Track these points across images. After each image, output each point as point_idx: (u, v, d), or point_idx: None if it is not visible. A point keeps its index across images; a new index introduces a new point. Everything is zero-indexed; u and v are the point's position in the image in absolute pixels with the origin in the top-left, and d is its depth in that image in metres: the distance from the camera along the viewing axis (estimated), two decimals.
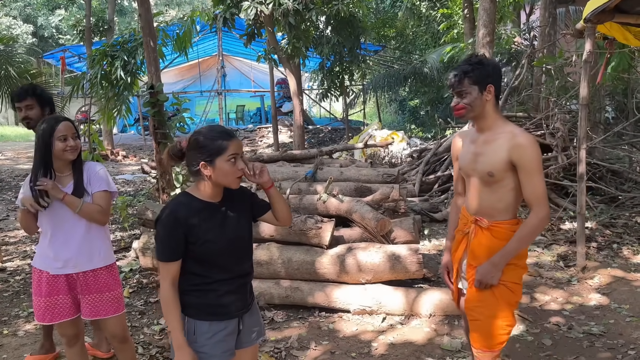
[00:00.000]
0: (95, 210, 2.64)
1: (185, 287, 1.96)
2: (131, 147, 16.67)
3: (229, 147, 1.89)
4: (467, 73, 2.23)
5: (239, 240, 2.02)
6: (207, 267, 1.96)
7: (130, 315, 4.16)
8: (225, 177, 1.91)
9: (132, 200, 8.30)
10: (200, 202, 1.96)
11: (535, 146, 2.18)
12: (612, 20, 4.21)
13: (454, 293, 2.58)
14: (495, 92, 2.26)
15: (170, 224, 1.90)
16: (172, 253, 1.90)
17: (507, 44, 10.68)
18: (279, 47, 10.09)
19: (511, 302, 2.30)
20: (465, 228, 2.40)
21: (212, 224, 1.94)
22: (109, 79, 7.13)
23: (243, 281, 2.07)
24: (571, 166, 6.73)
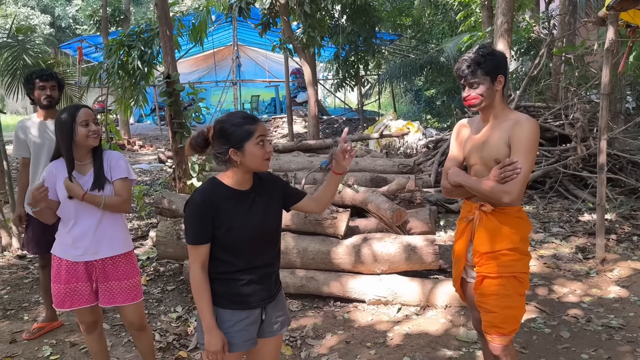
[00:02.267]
0: (118, 202, 2.66)
1: (211, 273, 1.97)
2: (147, 137, 16.80)
3: (256, 130, 1.90)
4: (480, 64, 2.24)
5: (264, 229, 2.00)
6: (231, 255, 1.95)
7: (147, 303, 4.21)
8: (255, 160, 1.91)
9: (149, 190, 8.38)
10: (228, 189, 1.97)
11: (533, 128, 2.20)
12: (636, 8, 4.10)
13: (456, 281, 2.57)
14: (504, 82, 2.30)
15: (198, 207, 1.92)
16: (200, 236, 1.92)
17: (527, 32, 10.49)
18: (294, 37, 10.04)
19: (522, 291, 2.32)
20: (469, 215, 2.40)
21: (238, 212, 1.95)
22: (126, 68, 7.19)
23: (267, 271, 2.04)
24: (590, 157, 6.63)
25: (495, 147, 2.26)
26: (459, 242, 2.49)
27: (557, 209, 6.39)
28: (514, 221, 2.30)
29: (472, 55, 2.27)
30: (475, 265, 2.37)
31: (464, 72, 2.27)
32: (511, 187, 2.17)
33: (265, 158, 1.93)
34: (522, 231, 2.34)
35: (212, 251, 1.95)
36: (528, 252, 2.36)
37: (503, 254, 2.29)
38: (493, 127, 2.31)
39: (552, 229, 5.58)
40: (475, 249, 2.36)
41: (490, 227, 2.31)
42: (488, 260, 2.31)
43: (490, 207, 2.30)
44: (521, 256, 2.31)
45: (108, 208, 2.63)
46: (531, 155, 2.21)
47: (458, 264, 2.51)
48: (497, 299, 2.28)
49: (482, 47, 2.30)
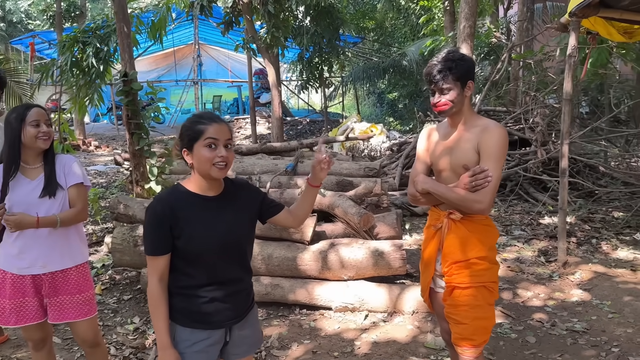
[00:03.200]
0: (73, 214, 2.48)
1: (171, 287, 1.82)
2: (104, 137, 16.26)
3: (206, 131, 1.75)
4: (452, 69, 2.18)
5: (232, 240, 1.84)
6: (192, 267, 1.80)
7: (102, 314, 3.98)
8: (202, 164, 1.75)
9: (105, 193, 8.05)
10: (191, 194, 1.82)
11: (502, 135, 2.17)
12: (597, 15, 4.17)
13: (424, 291, 2.50)
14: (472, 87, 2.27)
15: (155, 214, 1.77)
16: (157, 246, 1.77)
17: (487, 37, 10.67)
18: (258, 36, 9.88)
19: (491, 301, 2.28)
20: (436, 223, 2.34)
21: (200, 219, 1.79)
22: (80, 66, 6.85)
23: (235, 288, 1.87)
24: (550, 161, 6.76)
25: (463, 153, 2.22)
26: (427, 251, 2.42)
27: (518, 211, 6.49)
28: (482, 229, 2.27)
29: (443, 60, 2.20)
30: (445, 274, 2.31)
31: (435, 78, 2.21)
32: (482, 195, 2.12)
33: (214, 162, 1.74)
34: (490, 239, 2.30)
35: (172, 263, 1.80)
36: (496, 261, 2.33)
37: (473, 263, 2.24)
38: (461, 133, 2.27)
39: (514, 232, 5.64)
40: (444, 258, 2.31)
41: (460, 235, 2.26)
42: (458, 269, 2.25)
43: (459, 215, 2.25)
44: (490, 265, 2.27)
45: (65, 224, 2.45)
46: (500, 163, 2.18)
47: (426, 273, 2.44)
48: (468, 309, 2.23)
49: (451, 52, 2.24)
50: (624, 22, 4.29)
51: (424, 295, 2.51)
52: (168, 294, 1.82)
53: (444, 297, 2.33)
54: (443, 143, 2.33)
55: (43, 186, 2.42)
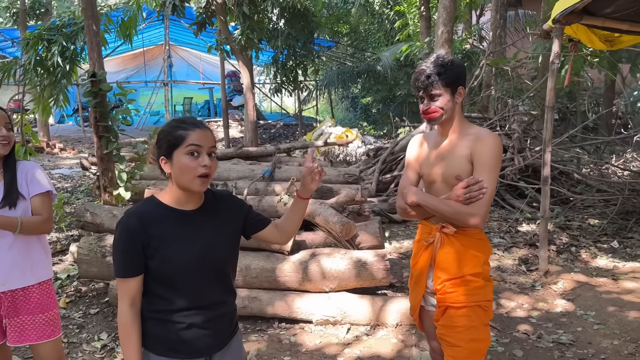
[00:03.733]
0: (37, 222, 2.26)
1: (145, 312, 1.63)
2: (69, 139, 15.70)
3: (187, 137, 1.57)
4: (441, 75, 2.06)
5: (212, 259, 1.65)
6: (168, 290, 1.61)
7: (66, 330, 3.73)
8: (183, 175, 1.56)
9: (70, 198, 7.69)
10: (167, 208, 1.63)
11: (496, 143, 2.07)
12: (580, 22, 4.15)
13: (414, 310, 2.36)
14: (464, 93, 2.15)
15: (127, 232, 1.58)
16: (128, 267, 1.58)
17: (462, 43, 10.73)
18: (232, 38, 9.66)
19: (486, 321, 2.16)
20: (428, 238, 2.21)
21: (177, 237, 1.60)
22: (45, 65, 6.52)
23: (216, 313, 1.67)
24: (526, 168, 6.77)
25: (456, 163, 2.10)
26: (417, 267, 2.28)
27: (496, 218, 6.46)
28: (476, 243, 2.15)
29: (431, 66, 2.08)
30: (437, 292, 2.17)
31: (423, 83, 2.08)
32: (477, 208, 2.01)
33: (198, 174, 1.56)
34: (485, 254, 2.18)
35: (146, 284, 1.61)
36: (490, 278, 2.21)
37: (468, 280, 2.12)
38: (453, 142, 2.14)
39: (494, 239, 5.59)
40: (436, 274, 2.17)
41: (453, 250, 2.13)
42: (452, 287, 2.13)
43: (452, 229, 2.12)
44: (485, 282, 2.15)
45: (26, 231, 2.22)
46: (495, 173, 2.07)
47: (416, 290, 2.30)
48: (462, 331, 2.10)
49: (441, 57, 2.11)
50: (605, 30, 4.29)
51: (414, 314, 2.37)
52: (141, 318, 1.63)
53: (436, 316, 2.20)
54: (434, 152, 2.21)
55: (2, 196, 2.20)
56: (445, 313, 2.15)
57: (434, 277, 2.18)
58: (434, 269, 2.19)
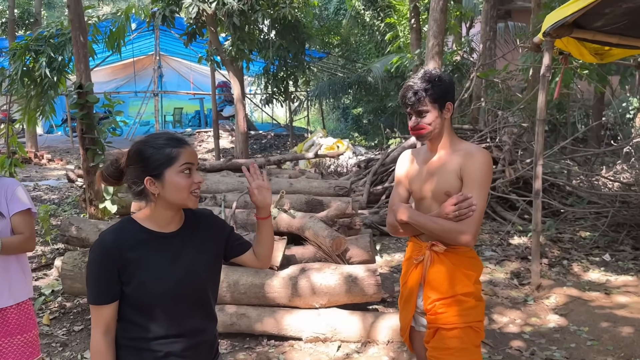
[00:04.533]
0: (20, 242, 2.19)
1: (120, 339, 1.55)
2: (57, 150, 15.53)
3: (181, 155, 1.52)
4: (427, 91, 2.03)
5: (191, 285, 1.58)
6: (144, 317, 1.53)
7: (49, 348, 3.63)
8: (177, 193, 1.52)
9: (57, 210, 7.56)
10: (144, 230, 1.55)
11: (486, 160, 2.03)
12: (570, 36, 4.15)
13: (404, 331, 2.29)
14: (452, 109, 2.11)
15: (100, 258, 1.50)
16: (102, 294, 1.50)
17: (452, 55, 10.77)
18: (222, 49, 9.63)
19: (477, 342, 2.11)
20: (418, 256, 2.15)
21: (154, 261, 1.53)
22: (32, 76, 6.47)
23: (195, 341, 1.59)
24: (518, 180, 6.76)
25: (445, 180, 2.06)
26: (407, 286, 2.22)
27: (487, 231, 6.43)
28: (467, 262, 2.10)
29: (418, 82, 2.05)
30: (427, 312, 2.11)
31: (410, 100, 2.05)
32: (468, 226, 1.97)
33: (192, 190, 1.54)
34: (476, 272, 2.13)
35: (121, 310, 1.54)
36: (482, 297, 2.16)
37: (459, 301, 2.06)
38: (443, 158, 2.11)
39: (486, 252, 5.55)
40: (426, 294, 2.11)
41: (444, 269, 2.08)
42: (442, 307, 2.07)
43: (442, 247, 2.07)
44: (476, 302, 2.10)
45: (7, 251, 2.14)
46: (485, 190, 2.03)
47: (406, 310, 2.24)
48: (454, 353, 2.04)
49: (427, 73, 2.08)
50: (596, 43, 4.29)
51: (404, 335, 2.31)
52: (115, 346, 1.55)
53: (426, 338, 2.14)
54: (423, 169, 2.17)
55: None
56: (436, 334, 2.09)
57: (424, 296, 2.13)
58: (424, 288, 2.13)
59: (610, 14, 3.81)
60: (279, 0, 9.55)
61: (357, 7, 16.15)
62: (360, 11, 16.35)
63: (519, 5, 14.75)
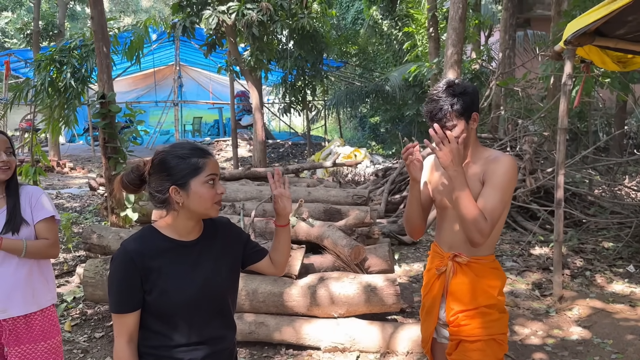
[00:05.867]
0: (44, 246, 2.22)
1: (141, 347, 1.56)
2: (79, 159, 15.80)
3: (206, 166, 1.55)
4: (454, 105, 1.98)
5: (212, 293, 1.59)
6: (165, 325, 1.55)
7: (71, 354, 3.67)
8: (202, 203, 1.54)
9: (78, 218, 7.68)
10: (166, 239, 1.57)
11: (512, 164, 1.99)
12: (592, 44, 4.10)
13: (425, 342, 2.25)
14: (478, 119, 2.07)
15: (123, 266, 1.52)
16: (125, 303, 1.52)
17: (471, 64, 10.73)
18: (241, 59, 9.73)
19: (500, 356, 2.06)
20: (440, 267, 2.12)
21: (176, 270, 1.55)
22: (56, 86, 6.60)
23: (214, 349, 1.61)
24: (538, 189, 6.67)
25: (470, 187, 2.03)
26: (428, 297, 2.19)
27: (508, 241, 6.35)
28: (490, 273, 2.07)
29: (443, 96, 2.00)
30: (450, 324, 2.08)
31: (436, 117, 1.99)
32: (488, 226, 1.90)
33: (215, 201, 1.57)
34: (499, 284, 2.09)
35: (142, 319, 1.55)
36: (505, 309, 2.12)
37: (482, 313, 2.03)
38: (467, 167, 2.07)
39: (506, 263, 5.48)
40: (449, 305, 2.08)
41: (467, 280, 2.05)
42: (465, 319, 2.04)
43: (465, 258, 2.04)
44: (500, 314, 2.06)
45: (31, 255, 2.18)
46: (506, 194, 1.96)
47: (428, 322, 2.20)
48: None
49: (450, 84, 2.03)
50: (618, 51, 4.23)
51: (426, 347, 2.27)
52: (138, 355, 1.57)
53: (448, 350, 2.10)
54: (446, 179, 2.12)
55: (5, 221, 2.16)
56: (459, 346, 2.06)
57: (447, 308, 2.10)
58: (447, 299, 2.10)
59: (633, 22, 3.76)
60: (298, 11, 9.63)
61: (375, 17, 16.20)
62: (377, 20, 16.40)
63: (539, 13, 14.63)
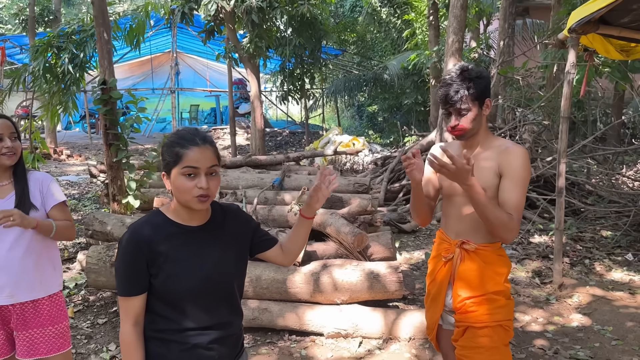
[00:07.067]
0: (67, 227, 2.27)
1: (147, 331, 1.57)
2: (76, 146, 15.72)
3: (184, 157, 1.49)
4: (469, 89, 1.97)
5: (219, 279, 1.58)
6: (171, 310, 1.54)
7: (75, 340, 3.67)
8: (181, 194, 1.51)
9: (77, 205, 7.66)
10: (172, 224, 1.56)
11: (526, 156, 2.00)
12: (596, 32, 4.10)
13: (430, 329, 2.28)
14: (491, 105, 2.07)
15: (130, 249, 1.51)
16: (132, 286, 1.51)
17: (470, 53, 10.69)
18: (240, 46, 9.66)
19: (507, 341, 2.08)
20: (447, 254, 2.14)
21: (183, 254, 1.54)
22: (54, 72, 6.54)
23: (221, 334, 1.60)
24: (538, 178, 6.70)
25: (480, 177, 2.00)
26: (434, 284, 2.20)
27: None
28: (497, 260, 2.08)
29: (458, 80, 1.99)
30: (457, 311, 2.10)
31: (452, 100, 1.98)
32: (513, 219, 1.91)
33: (195, 195, 1.49)
34: (506, 271, 2.11)
35: (148, 303, 1.55)
36: (511, 296, 2.13)
37: (490, 299, 2.05)
38: (478, 155, 2.06)
39: (506, 251, 5.50)
40: (456, 292, 2.09)
41: (475, 267, 2.06)
42: (473, 306, 2.06)
43: (473, 245, 2.05)
44: (507, 301, 2.08)
45: (58, 235, 2.23)
46: (525, 187, 1.99)
47: (433, 309, 2.22)
48: (483, 352, 2.02)
49: (465, 69, 2.01)
50: (622, 39, 4.23)
51: (431, 333, 2.29)
52: (144, 338, 1.57)
53: (455, 336, 2.12)
54: None
55: (14, 206, 2.16)
56: (466, 333, 2.07)
57: (454, 294, 2.11)
58: (454, 286, 2.11)
59: (637, 10, 3.76)
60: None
61: (374, 4, 16.08)
62: (376, 8, 16.28)
63: (538, 2, 14.58)
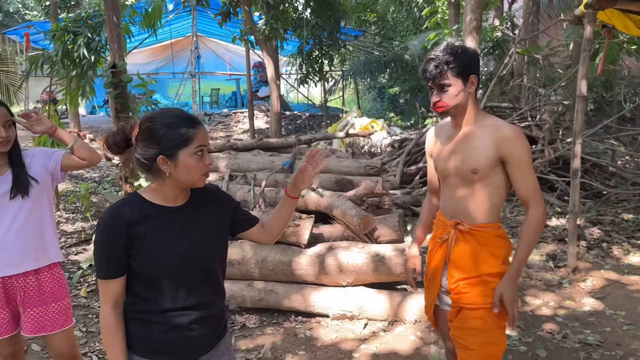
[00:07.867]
0: (89, 146, 2.37)
1: (128, 312, 1.57)
2: (99, 130, 15.96)
3: (196, 137, 1.50)
4: (450, 64, 1.93)
5: (198, 259, 1.58)
6: (151, 290, 1.54)
7: (86, 319, 3.78)
8: (190, 174, 1.51)
9: (97, 188, 7.82)
10: (152, 205, 1.55)
11: (524, 138, 1.98)
12: (614, 7, 3.93)
13: (428, 309, 2.27)
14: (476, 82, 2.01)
15: (107, 231, 1.51)
16: (110, 269, 1.51)
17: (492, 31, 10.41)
18: (256, 28, 9.61)
19: (502, 324, 2.05)
20: (442, 235, 2.12)
21: (161, 235, 1.53)
22: (71, 57, 6.61)
23: (202, 315, 1.60)
24: (557, 160, 6.53)
25: (471, 156, 1.99)
26: (431, 265, 2.20)
27: (524, 212, 6.25)
28: (494, 241, 2.04)
29: (440, 54, 1.95)
30: (451, 292, 2.08)
31: (431, 74, 1.96)
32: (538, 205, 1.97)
33: (204, 172, 1.55)
34: (503, 253, 2.07)
35: (128, 284, 1.55)
36: None
37: (484, 281, 2.02)
38: (468, 134, 2.03)
39: None
40: (450, 273, 2.08)
41: (468, 248, 2.03)
42: (466, 287, 2.03)
43: (467, 226, 2.03)
44: None
45: (79, 147, 2.34)
46: (531, 167, 2.00)
47: (431, 289, 2.22)
48: (476, 333, 2.01)
49: (450, 45, 1.98)
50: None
51: (428, 312, 2.29)
52: (125, 318, 1.58)
53: (449, 317, 2.11)
54: (447, 146, 2.10)
55: (12, 184, 2.21)
56: (459, 314, 2.06)
57: (448, 275, 2.10)
58: (448, 267, 2.10)
59: None
60: None
61: None
62: None
63: None
